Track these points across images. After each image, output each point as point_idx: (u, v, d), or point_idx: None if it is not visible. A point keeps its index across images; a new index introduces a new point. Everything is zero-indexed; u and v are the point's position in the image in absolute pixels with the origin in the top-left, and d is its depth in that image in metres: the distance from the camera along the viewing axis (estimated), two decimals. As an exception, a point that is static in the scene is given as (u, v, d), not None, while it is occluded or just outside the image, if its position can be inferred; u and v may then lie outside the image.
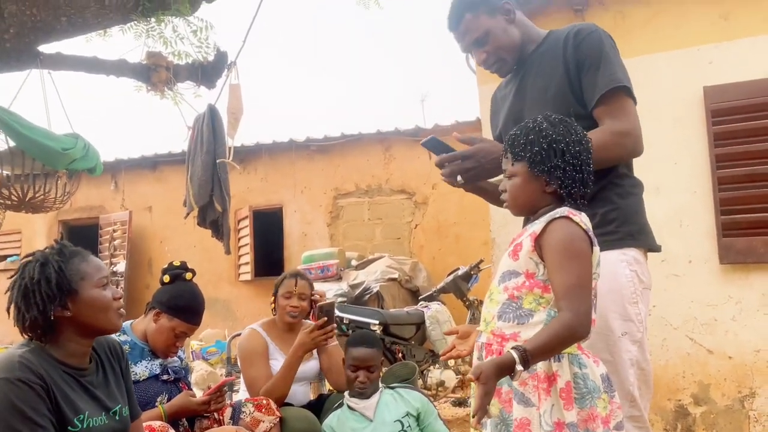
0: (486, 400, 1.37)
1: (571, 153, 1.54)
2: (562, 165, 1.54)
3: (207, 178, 4.41)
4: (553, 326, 1.43)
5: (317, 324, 2.60)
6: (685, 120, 3.89)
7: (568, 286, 1.44)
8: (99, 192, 9.51)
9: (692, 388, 3.84)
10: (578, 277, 1.45)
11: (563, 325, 1.41)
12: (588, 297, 1.46)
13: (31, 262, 1.69)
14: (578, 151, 1.54)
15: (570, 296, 1.43)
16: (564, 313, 1.43)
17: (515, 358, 1.37)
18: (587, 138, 1.59)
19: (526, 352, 1.38)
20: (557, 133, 1.55)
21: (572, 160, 1.54)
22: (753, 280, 3.71)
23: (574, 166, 1.54)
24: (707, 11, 3.90)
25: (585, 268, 1.48)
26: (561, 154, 1.54)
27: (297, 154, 8.51)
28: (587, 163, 1.56)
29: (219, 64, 4.34)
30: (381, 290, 5.90)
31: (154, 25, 3.84)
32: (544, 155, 1.55)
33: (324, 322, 2.60)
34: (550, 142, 1.55)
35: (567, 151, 1.54)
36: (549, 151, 1.54)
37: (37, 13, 3.25)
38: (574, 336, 1.43)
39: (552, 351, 1.43)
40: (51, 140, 3.52)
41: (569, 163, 1.54)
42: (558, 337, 1.41)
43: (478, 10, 1.98)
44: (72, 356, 1.71)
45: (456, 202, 7.51)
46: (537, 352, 1.39)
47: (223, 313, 8.74)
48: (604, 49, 1.87)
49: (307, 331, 2.60)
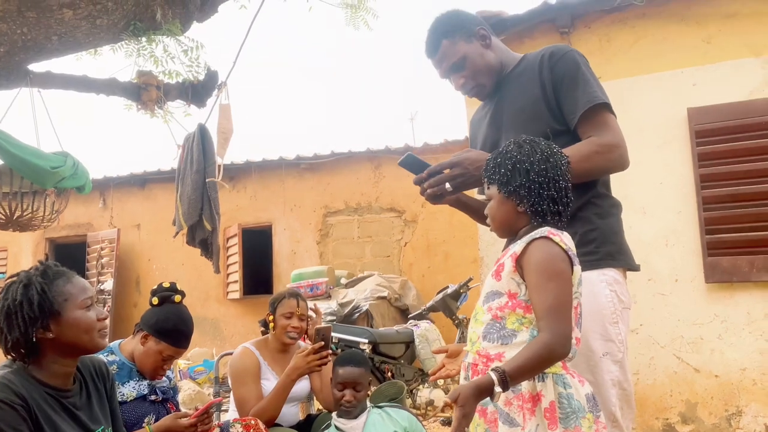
0: (464, 423, 1.38)
1: (535, 171, 1.56)
2: (527, 184, 1.56)
3: (197, 197, 4.41)
4: (531, 347, 1.43)
5: (313, 348, 2.58)
6: (670, 141, 3.96)
7: (547, 306, 1.45)
8: (87, 209, 9.46)
9: (679, 407, 3.85)
10: (557, 297, 1.46)
11: (542, 345, 1.42)
12: (567, 317, 1.47)
13: (15, 283, 1.69)
14: (544, 168, 1.56)
15: (548, 317, 1.44)
16: (543, 333, 1.44)
17: (494, 379, 1.38)
18: (558, 156, 1.60)
19: (504, 374, 1.39)
20: (522, 153, 1.59)
21: (538, 178, 1.56)
22: (738, 299, 3.75)
23: (540, 184, 1.56)
24: (690, 35, 3.99)
25: (564, 288, 1.48)
26: (525, 173, 1.57)
27: (287, 172, 8.53)
28: (556, 180, 1.57)
29: (209, 83, 4.36)
30: (370, 309, 5.89)
31: (145, 44, 3.85)
32: (509, 176, 1.59)
33: (321, 346, 2.59)
34: (514, 163, 1.59)
35: (531, 170, 1.56)
36: (513, 171, 1.58)
37: (28, 32, 3.26)
38: (553, 356, 1.44)
39: (531, 371, 1.44)
40: (40, 159, 3.51)
41: (534, 181, 1.56)
42: (537, 358, 1.42)
43: (455, 36, 2.02)
44: (55, 377, 1.70)
45: (445, 220, 7.54)
46: (516, 373, 1.40)
47: (211, 331, 8.68)
48: (581, 68, 1.90)
49: (303, 354, 2.57)
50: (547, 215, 1.57)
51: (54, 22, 3.30)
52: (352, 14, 4.03)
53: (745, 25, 3.86)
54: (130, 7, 3.48)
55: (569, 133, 1.89)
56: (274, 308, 2.81)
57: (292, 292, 2.88)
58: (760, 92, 3.78)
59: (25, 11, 3.18)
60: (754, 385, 3.69)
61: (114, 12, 3.43)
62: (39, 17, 3.23)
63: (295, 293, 2.87)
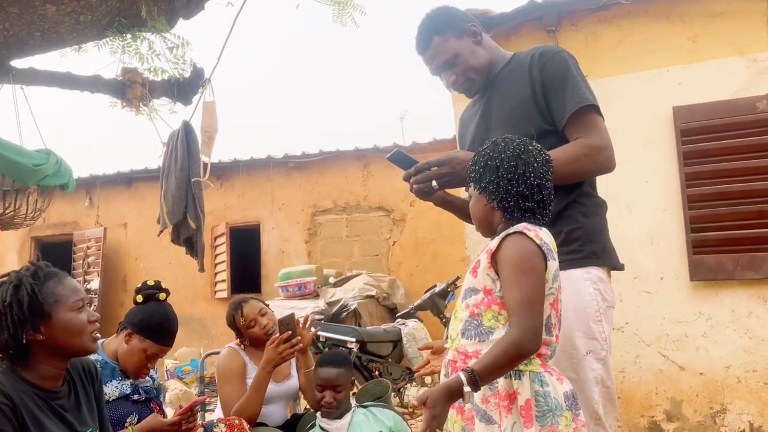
0: (434, 424, 1.38)
1: (504, 168, 1.57)
2: (495, 179, 1.58)
3: (181, 195, 4.37)
4: (500, 344, 1.43)
5: (282, 338, 2.58)
6: (656, 139, 3.97)
7: (518, 302, 1.45)
8: (73, 208, 9.38)
9: (665, 405, 3.87)
10: (528, 292, 1.46)
11: (510, 342, 1.42)
12: (537, 312, 1.46)
13: (6, 284, 1.68)
14: (514, 165, 1.57)
15: (519, 312, 1.44)
16: (512, 330, 1.44)
17: (463, 380, 1.38)
18: (534, 153, 1.59)
19: (473, 373, 1.38)
20: (495, 151, 1.60)
21: (507, 174, 1.56)
22: (723, 297, 3.77)
23: (509, 180, 1.56)
24: (676, 34, 4.01)
25: (535, 284, 1.48)
26: (494, 169, 1.58)
27: (275, 171, 8.50)
28: (526, 177, 1.56)
29: (195, 80, 4.31)
30: (359, 307, 5.88)
31: (130, 41, 3.81)
32: (481, 173, 1.61)
33: (288, 335, 2.59)
34: (486, 161, 1.60)
35: (501, 166, 1.57)
36: (485, 168, 1.60)
37: (9, 27, 3.22)
38: (522, 352, 1.43)
39: (502, 369, 1.43)
40: (22, 156, 3.47)
41: (503, 177, 1.57)
42: (506, 355, 1.41)
43: (446, 33, 2.01)
44: (44, 379, 1.69)
45: (433, 219, 7.55)
46: (485, 372, 1.40)
47: (198, 330, 8.64)
48: (570, 69, 1.90)
49: (273, 346, 2.57)
50: (515, 211, 1.57)
51: (37, 18, 3.25)
52: (339, 11, 4.01)
53: (730, 24, 3.88)
54: (114, 4, 3.44)
55: (557, 134, 1.90)
56: (237, 323, 2.81)
57: (239, 300, 2.89)
58: (744, 91, 3.80)
59: (7, 7, 3.14)
60: (738, 382, 3.71)
61: (98, 8, 3.39)
62: (21, 13, 3.19)
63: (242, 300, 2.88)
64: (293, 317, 2.64)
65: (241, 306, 2.82)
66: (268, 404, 2.68)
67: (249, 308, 2.81)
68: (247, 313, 2.79)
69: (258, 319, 2.78)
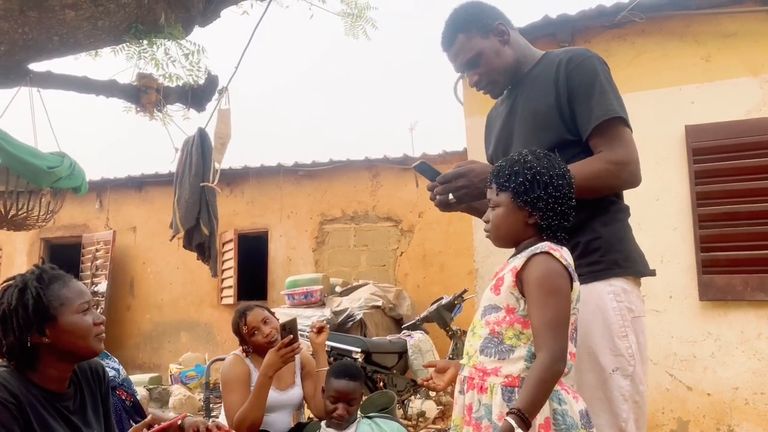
0: None
1: (554, 186, 1.55)
2: (545, 196, 1.55)
3: (194, 201, 4.40)
4: (534, 374, 1.42)
5: (283, 342, 2.58)
6: (667, 158, 3.97)
7: (544, 323, 1.45)
8: (83, 210, 9.43)
9: (671, 425, 3.84)
10: (555, 314, 1.45)
11: (544, 368, 1.41)
12: (563, 334, 1.46)
13: (11, 287, 1.68)
14: (561, 184, 1.56)
15: (546, 334, 1.44)
16: (539, 354, 1.43)
17: (512, 424, 1.36)
18: (570, 173, 1.60)
19: (520, 412, 1.37)
20: (541, 165, 1.57)
21: (555, 192, 1.55)
22: (732, 318, 3.74)
23: (556, 199, 1.55)
24: (690, 53, 4.01)
25: (563, 305, 1.48)
26: (545, 186, 1.55)
27: (284, 179, 8.53)
28: (569, 198, 1.57)
29: (209, 87, 4.35)
30: (364, 317, 5.87)
31: (146, 47, 3.85)
32: (528, 186, 1.56)
33: (290, 339, 2.59)
34: (534, 174, 1.56)
35: (550, 183, 1.55)
36: (533, 182, 1.56)
37: (29, 31, 3.26)
38: (555, 375, 1.43)
39: (544, 398, 1.43)
40: (37, 158, 3.50)
41: (552, 195, 1.55)
42: (544, 383, 1.41)
43: (471, 31, 1.94)
44: (50, 381, 1.69)
45: (442, 231, 7.54)
46: (530, 406, 1.38)
47: (204, 336, 8.65)
48: (599, 77, 1.81)
49: (275, 350, 2.58)
50: (553, 230, 1.56)
51: (56, 22, 3.29)
52: (352, 23, 4.04)
53: (743, 45, 3.88)
54: (132, 10, 3.48)
55: (580, 144, 1.82)
56: (242, 331, 2.81)
57: (244, 308, 2.89)
58: (757, 111, 3.79)
59: (27, 11, 3.18)
60: (746, 404, 3.68)
61: (116, 14, 3.44)
62: (41, 17, 3.24)
63: (246, 308, 2.88)
64: (295, 321, 2.64)
65: (245, 314, 2.83)
66: (272, 412, 2.68)
67: (252, 316, 2.82)
68: (250, 321, 2.80)
69: (261, 327, 2.79)
